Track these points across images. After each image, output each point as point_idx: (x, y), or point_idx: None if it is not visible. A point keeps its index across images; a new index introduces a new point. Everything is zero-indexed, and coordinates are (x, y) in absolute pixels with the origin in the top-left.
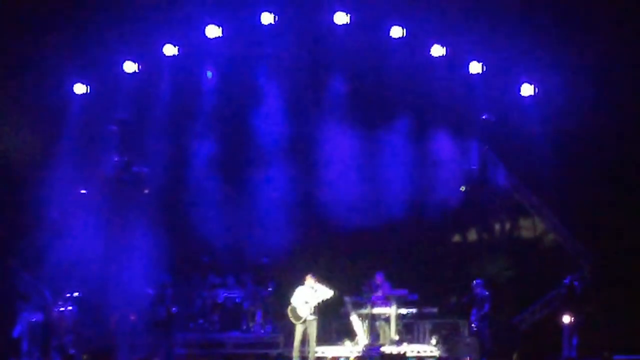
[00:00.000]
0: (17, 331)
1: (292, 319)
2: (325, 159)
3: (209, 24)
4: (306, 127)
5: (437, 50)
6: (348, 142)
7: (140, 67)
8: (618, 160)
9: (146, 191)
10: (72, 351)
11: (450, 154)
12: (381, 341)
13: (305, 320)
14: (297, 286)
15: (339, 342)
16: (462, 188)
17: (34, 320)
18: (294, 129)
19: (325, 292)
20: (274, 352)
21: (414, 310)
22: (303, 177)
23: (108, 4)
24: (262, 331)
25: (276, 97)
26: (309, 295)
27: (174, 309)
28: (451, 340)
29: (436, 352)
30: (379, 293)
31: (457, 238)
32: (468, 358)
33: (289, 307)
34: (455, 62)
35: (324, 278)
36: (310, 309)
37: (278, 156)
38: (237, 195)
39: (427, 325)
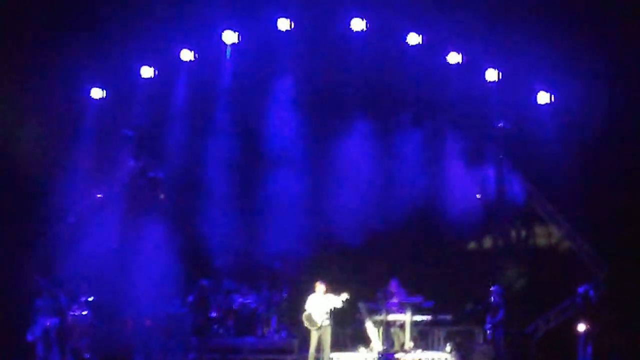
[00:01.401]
0: (32, 335)
1: (307, 325)
2: (339, 164)
3: (225, 29)
4: (321, 133)
5: (454, 58)
6: (362, 147)
7: (157, 72)
8: (634, 169)
9: (162, 196)
10: (87, 355)
11: (465, 161)
12: (396, 348)
13: (320, 327)
14: (311, 292)
15: (354, 349)
16: (478, 195)
17: (48, 324)
18: (309, 134)
19: (335, 301)
20: (288, 358)
21: (428, 317)
22: (318, 183)
23: (125, 9)
24: (277, 337)
25: (291, 103)
26: (321, 302)
27: (212, 313)
28: (466, 348)
29: (451, 359)
30: (394, 300)
31: (472, 245)
32: None
33: (304, 314)
34: (471, 69)
35: (338, 284)
36: (325, 315)
37: (292, 161)
38: (251, 200)
39: (442, 332)
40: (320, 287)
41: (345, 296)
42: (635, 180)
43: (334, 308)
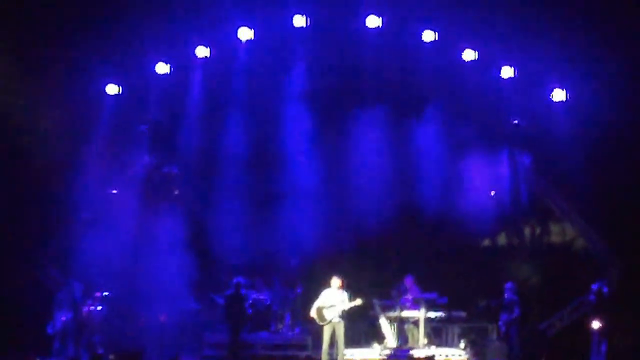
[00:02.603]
0: (52, 328)
1: (317, 321)
2: (354, 160)
3: (241, 26)
4: (335, 129)
5: (469, 55)
6: (377, 144)
7: (172, 68)
8: None
9: (176, 192)
10: (100, 350)
11: (480, 158)
12: (410, 344)
13: (331, 322)
14: (325, 288)
15: (368, 345)
16: (492, 192)
17: (64, 318)
18: (323, 130)
19: (348, 302)
20: (302, 354)
21: (442, 314)
22: (332, 179)
23: (140, 5)
24: (291, 333)
25: (306, 99)
26: (335, 298)
27: (249, 309)
28: (480, 344)
29: (465, 356)
30: (408, 296)
31: (486, 242)
32: None
33: (315, 308)
34: (486, 67)
35: (353, 280)
36: (338, 312)
37: (307, 157)
38: (265, 196)
39: (456, 329)
40: (336, 281)
41: (359, 301)
42: None
43: (344, 308)
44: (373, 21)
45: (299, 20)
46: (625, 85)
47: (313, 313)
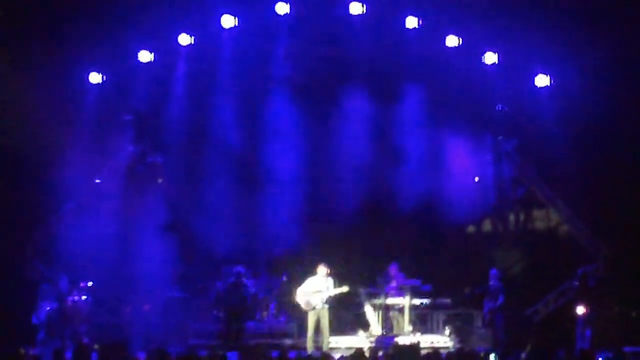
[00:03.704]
0: (37, 319)
1: (303, 307)
2: (337, 147)
3: (224, 13)
4: (319, 116)
5: (452, 41)
6: (361, 131)
7: (155, 56)
8: (634, 153)
9: (160, 181)
10: (85, 340)
11: (464, 145)
12: (395, 331)
13: (315, 309)
14: (311, 276)
15: (353, 333)
16: (476, 179)
17: (49, 309)
18: (307, 117)
19: (334, 289)
20: (287, 342)
21: (427, 301)
22: (317, 166)
23: None
24: (276, 321)
25: (290, 86)
26: (321, 285)
27: (249, 299)
28: (465, 331)
29: (450, 343)
30: (393, 284)
31: (471, 229)
32: (482, 349)
33: (299, 294)
34: (470, 53)
35: (338, 268)
36: (322, 299)
37: (292, 145)
38: (250, 184)
39: (441, 316)
40: (322, 269)
41: (345, 289)
42: (635, 164)
43: (329, 295)
44: (356, 8)
45: (282, 7)
46: (609, 71)
47: (298, 298)
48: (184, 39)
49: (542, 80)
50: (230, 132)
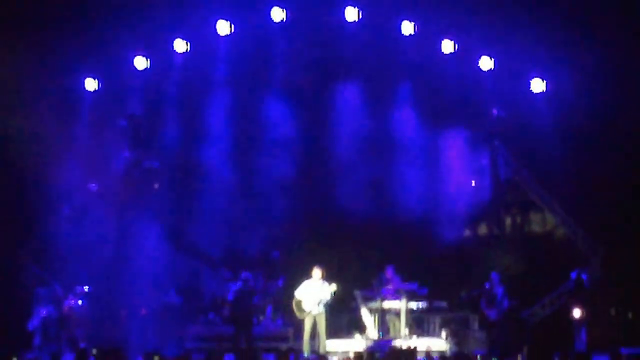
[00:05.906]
0: (32, 325)
1: (296, 313)
2: (335, 153)
3: (219, 19)
4: (314, 121)
5: (448, 46)
6: (356, 135)
7: (150, 62)
8: (629, 156)
9: (156, 186)
10: (82, 345)
11: (461, 149)
12: (391, 335)
13: (309, 313)
14: (307, 279)
15: (350, 336)
16: (473, 182)
17: (45, 314)
18: (302, 122)
19: (326, 292)
20: (284, 346)
21: (424, 304)
22: (314, 172)
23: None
24: (273, 325)
25: (286, 91)
26: (316, 289)
27: (254, 303)
28: (461, 334)
29: (446, 346)
30: (389, 287)
31: (467, 232)
32: (478, 352)
33: (294, 300)
34: (465, 58)
35: (334, 271)
36: (317, 303)
37: (288, 150)
38: (247, 189)
39: (437, 319)
40: (317, 272)
41: (333, 287)
42: (630, 166)
43: (325, 299)
44: (351, 14)
45: (278, 14)
46: (604, 75)
47: (293, 306)
48: (180, 45)
49: (537, 85)
50: (225, 137)
